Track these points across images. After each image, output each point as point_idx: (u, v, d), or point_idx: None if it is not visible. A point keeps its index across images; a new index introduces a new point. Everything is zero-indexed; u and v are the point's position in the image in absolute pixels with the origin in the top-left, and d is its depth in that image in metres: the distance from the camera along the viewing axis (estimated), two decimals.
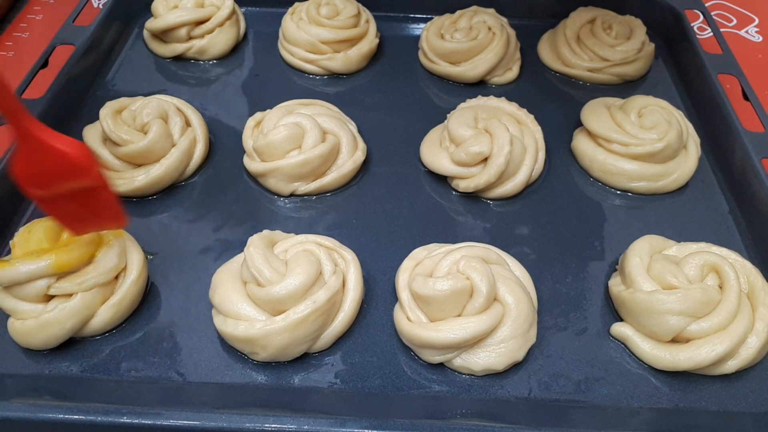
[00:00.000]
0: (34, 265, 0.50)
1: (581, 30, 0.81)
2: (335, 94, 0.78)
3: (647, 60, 0.81)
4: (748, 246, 0.62)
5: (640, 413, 0.50)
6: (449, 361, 0.51)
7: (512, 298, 0.51)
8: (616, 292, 0.55)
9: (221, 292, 0.53)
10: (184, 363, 0.52)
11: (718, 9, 0.97)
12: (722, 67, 0.76)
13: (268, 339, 0.49)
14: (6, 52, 0.86)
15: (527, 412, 0.50)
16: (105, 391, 0.50)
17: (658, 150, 0.65)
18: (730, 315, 0.51)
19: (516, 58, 0.81)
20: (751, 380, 0.52)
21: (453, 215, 0.65)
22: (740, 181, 0.66)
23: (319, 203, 0.66)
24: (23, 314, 0.51)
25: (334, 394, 0.51)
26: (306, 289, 0.51)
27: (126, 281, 0.53)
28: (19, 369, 0.52)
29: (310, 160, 0.63)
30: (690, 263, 0.54)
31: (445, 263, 0.53)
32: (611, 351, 0.54)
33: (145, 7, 0.84)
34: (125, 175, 0.64)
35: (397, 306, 0.55)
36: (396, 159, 0.70)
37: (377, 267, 0.59)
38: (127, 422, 0.45)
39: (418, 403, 0.50)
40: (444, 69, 0.80)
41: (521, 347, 0.51)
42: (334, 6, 0.82)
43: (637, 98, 0.71)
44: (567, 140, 0.72)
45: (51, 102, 0.69)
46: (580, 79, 0.81)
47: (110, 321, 0.53)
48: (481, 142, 0.63)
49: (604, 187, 0.68)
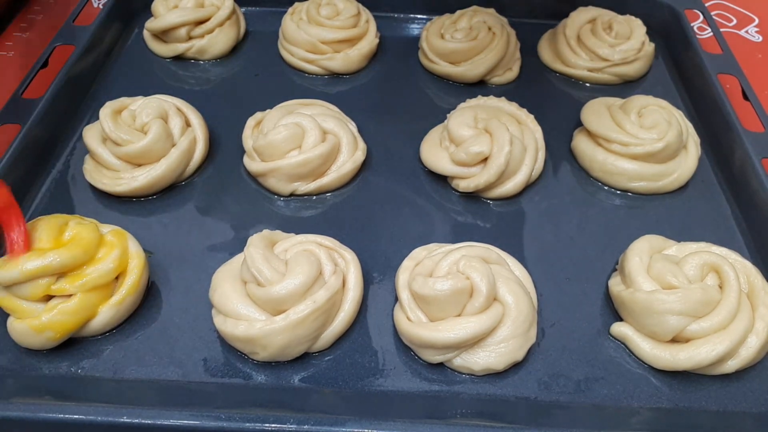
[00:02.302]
0: (34, 264, 0.50)
1: (581, 30, 0.81)
2: (335, 94, 0.79)
3: (647, 60, 0.81)
4: (748, 246, 0.62)
5: (640, 413, 0.50)
6: (449, 361, 0.51)
7: (512, 297, 0.51)
8: (616, 292, 0.55)
9: (221, 291, 0.53)
10: (184, 363, 0.52)
11: (718, 9, 0.97)
12: (722, 67, 0.76)
13: (268, 339, 0.49)
14: (6, 52, 0.86)
15: (527, 412, 0.50)
16: (105, 391, 0.50)
17: (658, 150, 0.65)
18: (730, 315, 0.51)
19: (516, 58, 0.81)
20: (751, 380, 0.52)
21: (453, 215, 0.65)
22: (740, 181, 0.66)
23: (319, 203, 0.66)
24: (23, 313, 0.51)
25: (334, 393, 0.51)
26: (306, 288, 0.51)
27: (126, 282, 0.53)
28: (19, 369, 0.52)
29: (310, 160, 0.63)
30: (690, 263, 0.54)
31: (445, 263, 0.53)
32: (611, 351, 0.54)
33: (145, 7, 0.84)
34: (125, 175, 0.64)
35: (397, 306, 0.55)
36: (396, 159, 0.70)
37: (377, 267, 0.59)
38: (127, 422, 0.45)
39: (418, 403, 0.50)
40: (444, 69, 0.80)
41: (521, 347, 0.51)
42: (334, 6, 0.82)
43: (637, 98, 0.71)
44: (567, 140, 0.72)
45: (51, 102, 0.69)
46: (580, 79, 0.81)
47: (110, 321, 0.53)
48: (481, 142, 0.63)
49: (604, 187, 0.68)
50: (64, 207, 0.63)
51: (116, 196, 0.64)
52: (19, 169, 0.64)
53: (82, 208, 0.64)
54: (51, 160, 0.69)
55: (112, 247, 0.53)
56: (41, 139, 0.68)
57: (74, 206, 0.64)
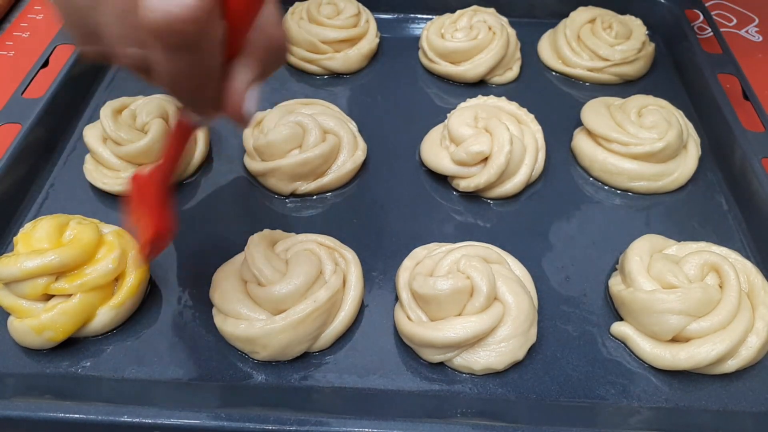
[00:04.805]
0: (33, 263, 0.50)
1: (581, 30, 0.81)
2: (335, 94, 0.78)
3: (647, 60, 0.81)
4: (748, 246, 0.62)
5: (640, 412, 0.50)
6: (449, 361, 0.51)
7: (512, 297, 0.51)
8: (616, 291, 0.55)
9: (221, 291, 0.53)
10: (184, 363, 0.52)
11: (718, 9, 0.97)
12: (722, 67, 0.76)
13: (268, 338, 0.49)
14: (6, 52, 0.86)
15: (527, 412, 0.50)
16: (105, 390, 0.50)
17: (658, 149, 0.65)
18: (730, 314, 0.51)
19: (516, 57, 0.81)
20: (751, 379, 0.52)
21: (453, 215, 0.65)
22: (740, 180, 0.66)
23: (319, 203, 0.66)
24: (23, 313, 0.51)
25: (335, 393, 0.51)
26: (306, 288, 0.51)
27: (125, 285, 0.53)
28: (20, 368, 0.52)
29: (311, 159, 0.63)
30: (690, 262, 0.54)
31: (446, 262, 0.53)
32: (611, 350, 0.54)
33: None
34: (126, 174, 0.64)
35: (397, 305, 0.55)
36: (396, 159, 0.70)
37: (377, 267, 0.59)
38: (127, 421, 0.45)
39: (418, 402, 0.50)
40: (444, 69, 0.80)
41: (521, 346, 0.51)
42: (334, 6, 0.82)
43: (637, 98, 0.71)
44: (567, 140, 0.72)
45: (51, 102, 0.69)
46: (580, 78, 0.81)
47: (110, 323, 0.53)
48: (481, 141, 0.63)
49: (604, 186, 0.68)
50: (65, 207, 0.63)
51: (117, 196, 0.64)
52: (19, 169, 0.64)
53: (83, 207, 0.64)
54: (51, 159, 0.69)
55: (112, 247, 0.53)
56: (41, 139, 0.68)
57: (75, 206, 0.64)
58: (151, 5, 0.29)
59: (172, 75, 0.32)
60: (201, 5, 0.29)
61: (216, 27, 0.31)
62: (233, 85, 0.34)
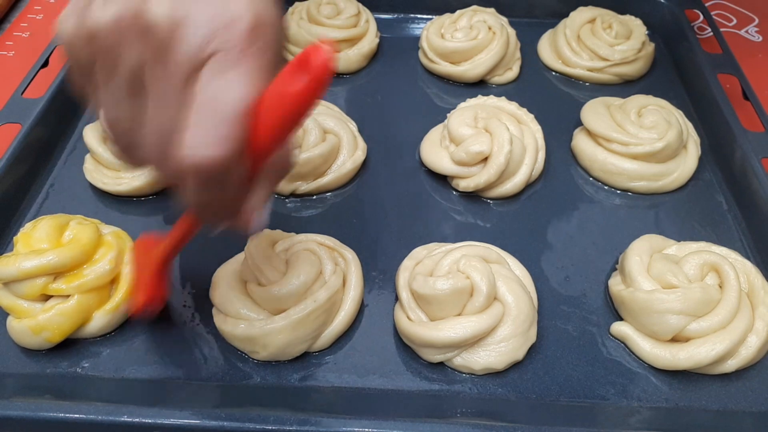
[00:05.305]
0: (31, 263, 0.50)
1: (581, 29, 0.81)
2: (335, 94, 0.78)
3: (647, 60, 0.81)
4: (747, 245, 0.62)
5: (640, 412, 0.50)
6: (449, 361, 0.51)
7: (512, 297, 0.51)
8: (616, 291, 0.55)
9: (221, 291, 0.53)
10: (184, 363, 0.52)
11: (718, 9, 0.97)
12: (722, 67, 0.76)
13: (268, 338, 0.50)
14: (6, 51, 0.86)
15: (527, 412, 0.50)
16: (105, 390, 0.50)
17: (658, 149, 0.65)
18: (729, 314, 0.51)
19: (516, 57, 0.81)
20: (751, 379, 0.52)
21: (453, 215, 0.65)
22: (740, 180, 0.66)
23: (319, 203, 0.66)
24: (21, 313, 0.51)
25: (335, 393, 0.51)
26: (306, 288, 0.51)
27: (122, 288, 0.53)
28: (19, 368, 0.52)
29: (311, 159, 0.63)
30: (690, 262, 0.54)
31: (446, 262, 0.53)
32: (611, 350, 0.54)
33: None
34: (126, 174, 0.64)
35: (397, 305, 0.55)
36: (396, 159, 0.70)
37: (377, 266, 0.59)
38: (127, 421, 0.45)
39: (418, 402, 0.50)
40: (444, 68, 0.80)
41: (521, 346, 0.51)
42: (334, 6, 0.82)
43: (637, 98, 0.71)
44: (567, 140, 0.72)
45: (51, 102, 0.69)
46: (580, 78, 0.81)
47: (106, 326, 0.53)
48: (481, 141, 0.63)
49: (604, 186, 0.68)
50: (65, 207, 0.63)
51: (117, 196, 0.64)
52: (19, 169, 0.64)
53: (83, 207, 0.63)
54: (51, 159, 0.69)
55: (110, 248, 0.53)
56: (41, 138, 0.68)
57: (75, 206, 0.64)
58: (184, 146, 0.32)
59: (199, 203, 0.37)
60: (229, 153, 0.32)
61: (241, 167, 0.34)
62: (248, 205, 0.38)
